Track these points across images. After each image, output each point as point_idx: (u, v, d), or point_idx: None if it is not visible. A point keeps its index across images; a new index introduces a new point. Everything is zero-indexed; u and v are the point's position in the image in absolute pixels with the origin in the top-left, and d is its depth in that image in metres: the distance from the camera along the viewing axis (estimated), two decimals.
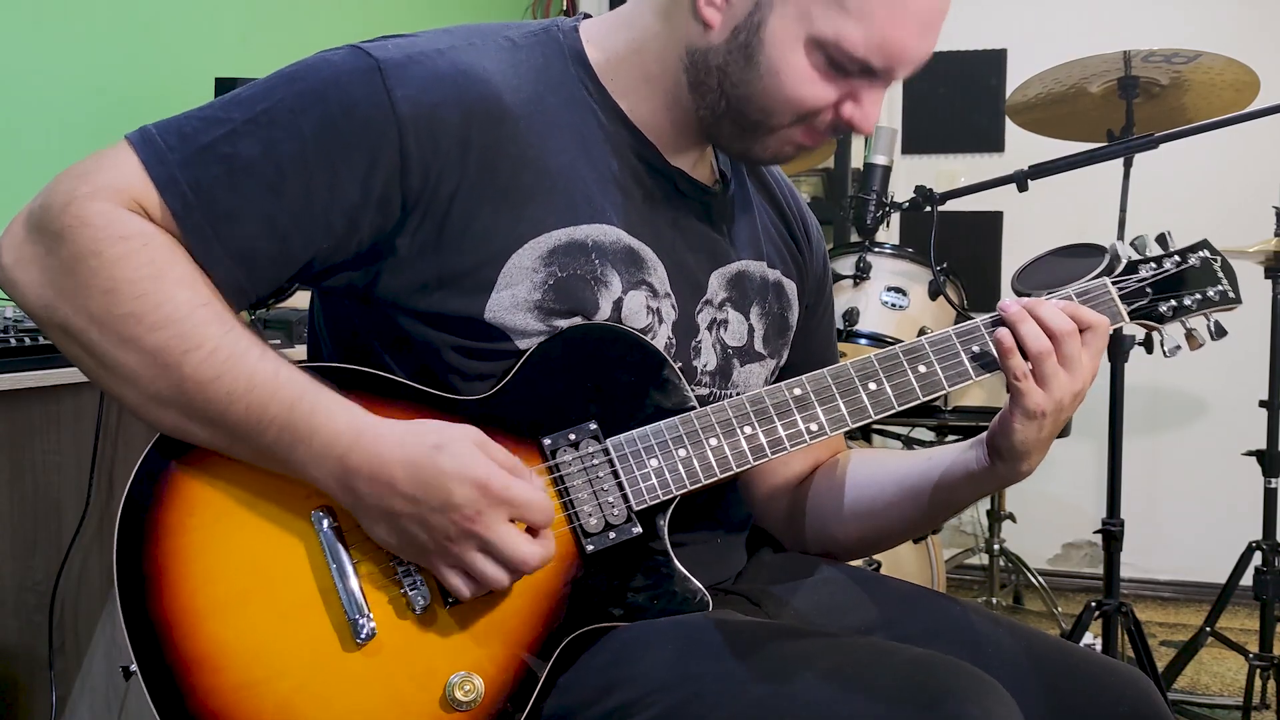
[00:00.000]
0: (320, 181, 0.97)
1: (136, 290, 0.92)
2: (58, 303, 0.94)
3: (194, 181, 0.95)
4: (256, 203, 0.96)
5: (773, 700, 0.94)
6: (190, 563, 0.96)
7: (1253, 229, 2.70)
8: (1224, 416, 3.63)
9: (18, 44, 2.17)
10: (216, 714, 0.94)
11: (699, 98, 1.08)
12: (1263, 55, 2.54)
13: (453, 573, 0.96)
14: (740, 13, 1.03)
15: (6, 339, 1.66)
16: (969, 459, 1.16)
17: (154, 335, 0.92)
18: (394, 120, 0.97)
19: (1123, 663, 1.24)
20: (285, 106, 0.98)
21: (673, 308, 1.12)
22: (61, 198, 0.94)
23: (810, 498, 1.27)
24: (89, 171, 0.96)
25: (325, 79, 0.99)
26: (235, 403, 0.93)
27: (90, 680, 1.86)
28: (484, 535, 0.93)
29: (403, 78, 0.99)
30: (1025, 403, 1.07)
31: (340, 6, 3.00)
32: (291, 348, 1.99)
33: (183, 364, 0.93)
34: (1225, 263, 1.20)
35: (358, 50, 1.01)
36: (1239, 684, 2.75)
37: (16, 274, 0.95)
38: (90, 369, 0.96)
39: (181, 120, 0.98)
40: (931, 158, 3.83)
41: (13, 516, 1.78)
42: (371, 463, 0.93)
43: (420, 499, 0.93)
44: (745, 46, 1.04)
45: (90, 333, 0.93)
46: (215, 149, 0.96)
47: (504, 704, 0.99)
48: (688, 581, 1.04)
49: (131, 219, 0.94)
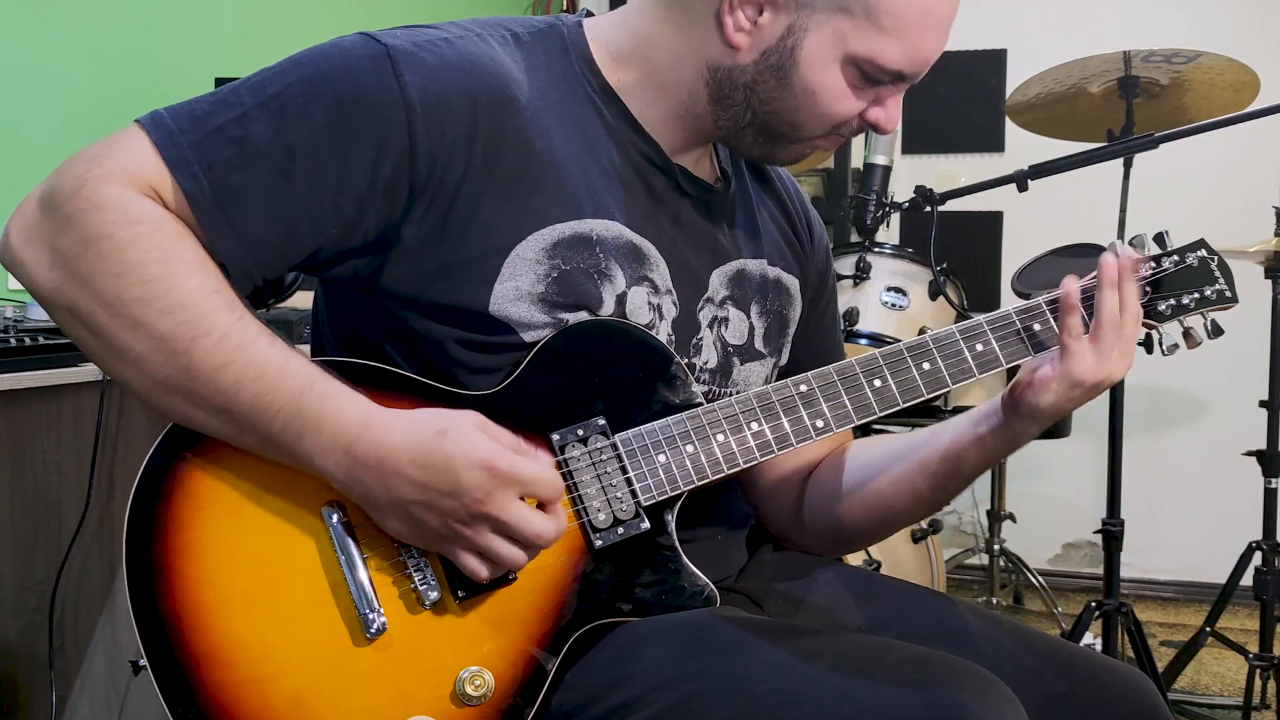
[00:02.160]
0: (330, 166, 0.98)
1: (147, 274, 0.92)
2: (67, 285, 0.93)
3: (206, 163, 0.95)
4: (267, 186, 0.97)
5: (775, 698, 0.95)
6: (200, 557, 0.97)
7: (1253, 229, 2.71)
8: (1224, 417, 3.64)
9: (18, 43, 2.17)
10: (226, 708, 0.95)
11: (720, 110, 1.10)
12: (1263, 55, 2.55)
13: (468, 556, 0.97)
14: (771, 37, 1.05)
15: (6, 339, 1.66)
16: (977, 422, 1.15)
17: (163, 320, 0.92)
18: (403, 106, 0.98)
19: (1123, 663, 1.24)
20: (296, 91, 0.98)
21: (674, 304, 1.13)
22: (73, 180, 0.94)
23: (815, 486, 1.27)
24: (101, 154, 0.96)
25: (336, 64, 1.00)
26: (243, 390, 0.94)
27: (90, 679, 1.87)
28: (496, 516, 0.94)
29: (412, 64, 0.99)
30: (1073, 365, 1.08)
31: (339, 5, 3.01)
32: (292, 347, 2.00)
33: (191, 350, 0.93)
34: (1222, 262, 1.21)
35: (368, 37, 1.01)
36: (1239, 684, 2.76)
37: (25, 254, 0.95)
38: (97, 353, 0.96)
39: (193, 104, 0.99)
40: (931, 158, 3.84)
41: (13, 516, 1.79)
42: (378, 451, 0.94)
43: (429, 485, 0.93)
44: (778, 68, 1.06)
45: (99, 316, 0.93)
46: (227, 132, 0.96)
47: (514, 699, 0.99)
48: (695, 577, 1.05)
49: (144, 203, 0.94)
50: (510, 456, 0.94)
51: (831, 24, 1.04)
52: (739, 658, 0.99)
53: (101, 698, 1.86)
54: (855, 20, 1.03)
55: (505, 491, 0.94)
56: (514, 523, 0.95)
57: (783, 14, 1.04)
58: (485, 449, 0.94)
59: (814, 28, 1.04)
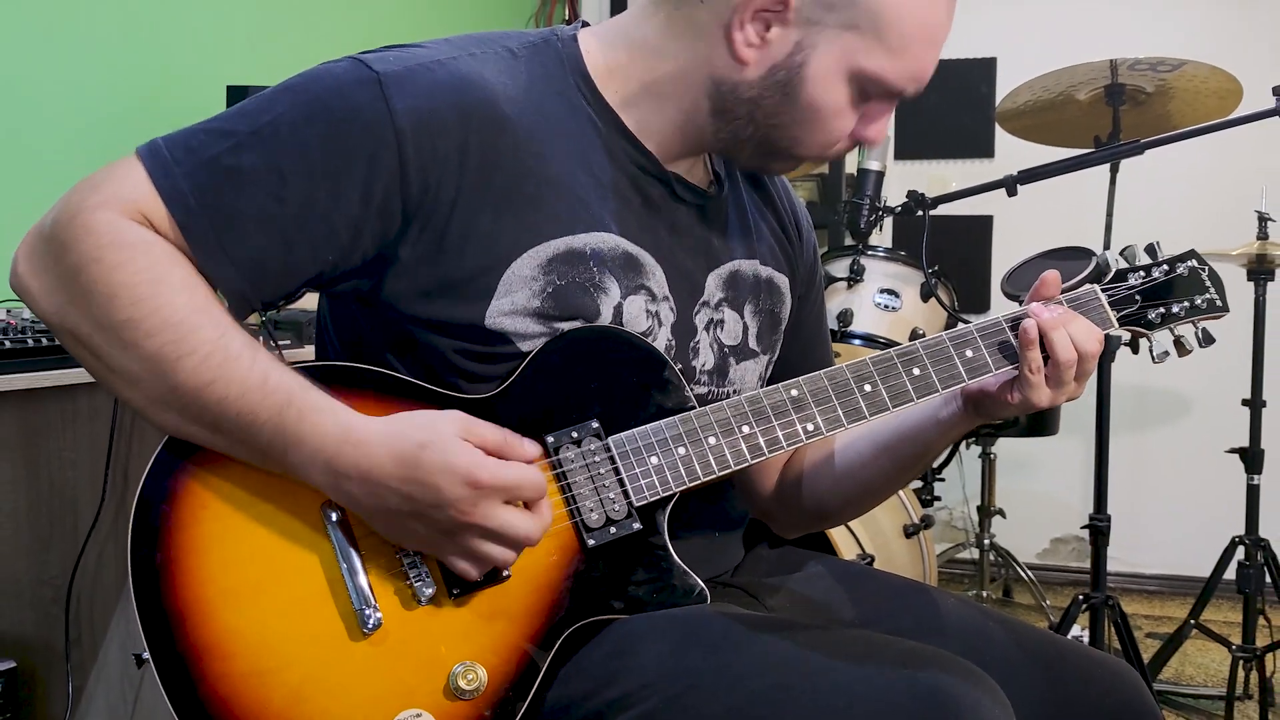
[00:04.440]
0: (323, 189, 0.97)
1: (134, 295, 0.92)
2: (66, 308, 0.94)
3: (198, 192, 0.95)
4: (261, 210, 0.96)
5: (769, 692, 0.94)
6: (202, 555, 0.96)
7: (1236, 232, 2.70)
8: (1208, 415, 3.63)
9: (36, 53, 2.17)
10: (226, 700, 0.94)
11: (721, 123, 1.08)
12: (1245, 63, 2.54)
13: (459, 559, 0.96)
14: (779, 53, 1.03)
15: (24, 340, 1.67)
16: (937, 405, 1.17)
17: (150, 341, 0.92)
18: (392, 129, 0.97)
19: (1109, 654, 1.24)
20: (288, 118, 0.98)
21: (671, 310, 1.12)
22: (71, 209, 0.95)
23: (797, 472, 1.28)
24: (98, 183, 0.96)
25: (327, 90, 0.99)
26: (228, 408, 0.93)
27: (106, 671, 1.86)
28: (482, 524, 0.93)
29: (401, 88, 0.98)
30: (1031, 395, 1.10)
31: (348, 14, 3.00)
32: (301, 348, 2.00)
33: (177, 370, 0.93)
34: (1213, 272, 1.20)
35: (358, 62, 1.01)
36: (1222, 675, 2.75)
37: (30, 281, 0.96)
38: (98, 372, 0.97)
39: (188, 134, 0.99)
40: (923, 163, 3.83)
41: (30, 512, 1.78)
42: (360, 464, 0.93)
43: (414, 497, 0.93)
44: (784, 85, 1.04)
45: (95, 338, 0.94)
46: (219, 160, 0.96)
47: (506, 693, 0.99)
48: (686, 576, 1.04)
49: (134, 228, 0.94)
50: (490, 466, 0.93)
51: (840, 41, 1.02)
52: (734, 652, 0.98)
53: (116, 689, 1.86)
54: (864, 38, 1.02)
55: (489, 501, 0.93)
56: (501, 530, 0.94)
57: (792, 30, 1.03)
58: (464, 461, 0.92)
59: (823, 44, 1.03)
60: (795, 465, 1.29)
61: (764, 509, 1.32)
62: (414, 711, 0.96)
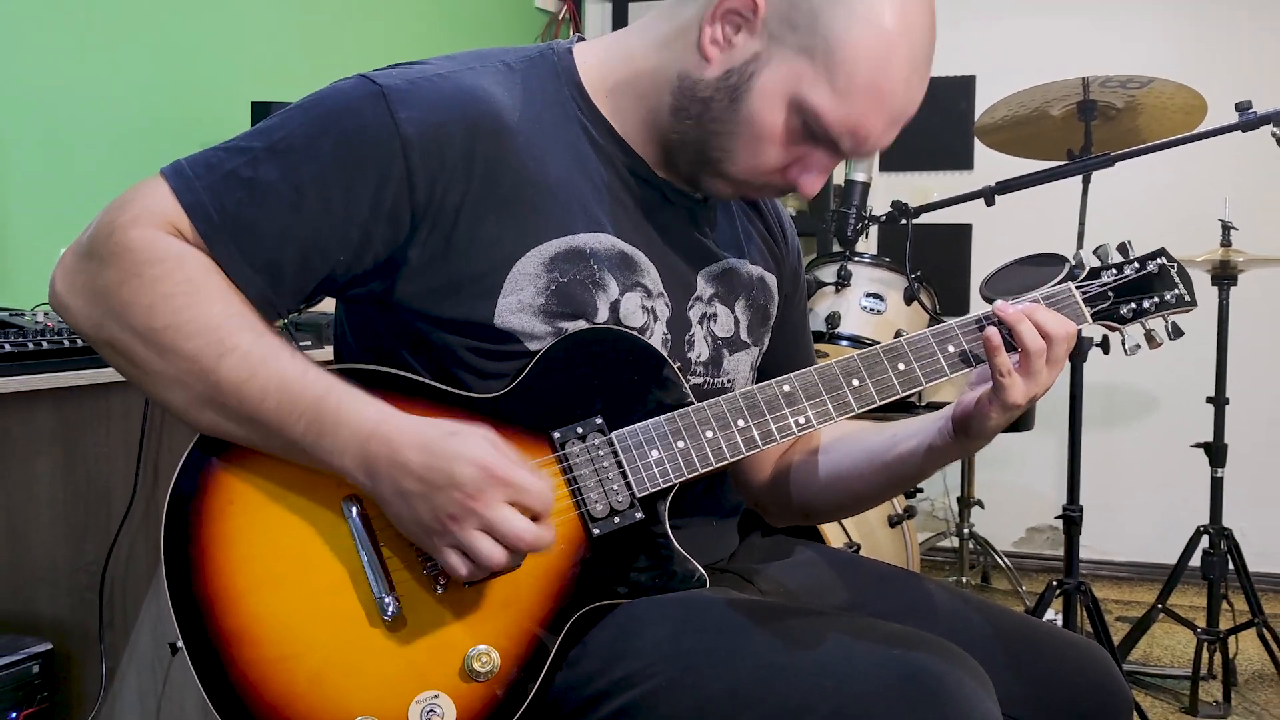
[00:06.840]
0: (336, 198, 0.98)
1: (173, 305, 0.93)
2: (105, 321, 0.95)
3: (219, 205, 0.96)
4: (278, 220, 0.97)
5: (764, 671, 0.95)
6: (230, 547, 0.96)
7: (1200, 240, 2.70)
8: (1174, 412, 3.63)
9: (70, 72, 2.17)
10: (255, 684, 0.94)
11: (676, 121, 1.06)
12: (1210, 81, 2.54)
13: (451, 552, 0.93)
14: (738, 58, 1.02)
15: (61, 340, 1.66)
16: (931, 435, 1.16)
17: (191, 342, 0.93)
18: (398, 140, 0.98)
19: (1082, 637, 1.24)
20: (301, 133, 0.99)
21: (666, 306, 1.12)
22: (105, 228, 0.95)
23: (791, 472, 1.27)
24: (128, 202, 0.97)
25: (337, 106, 1.00)
26: (268, 399, 0.93)
27: (137, 653, 1.86)
28: (483, 513, 0.91)
29: (406, 101, 0.99)
30: (1007, 396, 1.07)
31: (364, 35, 3.00)
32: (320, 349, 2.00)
33: (219, 367, 0.93)
34: (1182, 269, 1.19)
35: (364, 79, 1.01)
36: (1188, 656, 2.76)
37: (68, 299, 0.97)
38: (136, 378, 0.97)
39: (209, 153, 1.00)
40: (907, 175, 3.83)
41: (66, 503, 1.79)
42: (390, 446, 0.93)
43: (428, 478, 0.92)
44: (733, 89, 1.02)
45: (135, 346, 0.94)
46: (238, 174, 0.97)
47: (518, 674, 0.99)
48: (686, 562, 1.04)
49: (169, 242, 0.95)
50: (507, 463, 0.93)
51: (792, 64, 1.00)
52: (732, 635, 0.99)
53: (148, 670, 1.86)
54: (814, 67, 1.00)
55: (495, 491, 0.92)
56: (497, 522, 0.92)
57: (755, 40, 1.01)
58: (486, 451, 0.92)
59: (776, 61, 1.01)
60: (785, 464, 1.29)
61: (757, 500, 1.32)
62: (431, 692, 0.96)
